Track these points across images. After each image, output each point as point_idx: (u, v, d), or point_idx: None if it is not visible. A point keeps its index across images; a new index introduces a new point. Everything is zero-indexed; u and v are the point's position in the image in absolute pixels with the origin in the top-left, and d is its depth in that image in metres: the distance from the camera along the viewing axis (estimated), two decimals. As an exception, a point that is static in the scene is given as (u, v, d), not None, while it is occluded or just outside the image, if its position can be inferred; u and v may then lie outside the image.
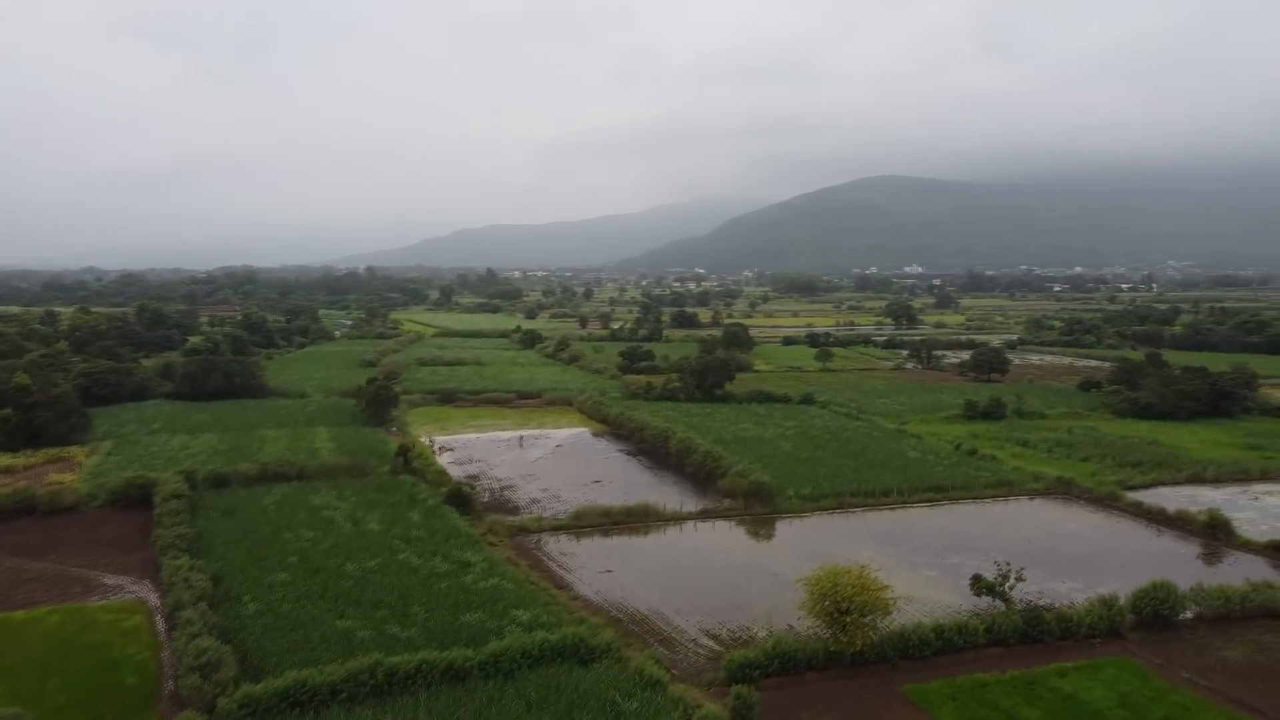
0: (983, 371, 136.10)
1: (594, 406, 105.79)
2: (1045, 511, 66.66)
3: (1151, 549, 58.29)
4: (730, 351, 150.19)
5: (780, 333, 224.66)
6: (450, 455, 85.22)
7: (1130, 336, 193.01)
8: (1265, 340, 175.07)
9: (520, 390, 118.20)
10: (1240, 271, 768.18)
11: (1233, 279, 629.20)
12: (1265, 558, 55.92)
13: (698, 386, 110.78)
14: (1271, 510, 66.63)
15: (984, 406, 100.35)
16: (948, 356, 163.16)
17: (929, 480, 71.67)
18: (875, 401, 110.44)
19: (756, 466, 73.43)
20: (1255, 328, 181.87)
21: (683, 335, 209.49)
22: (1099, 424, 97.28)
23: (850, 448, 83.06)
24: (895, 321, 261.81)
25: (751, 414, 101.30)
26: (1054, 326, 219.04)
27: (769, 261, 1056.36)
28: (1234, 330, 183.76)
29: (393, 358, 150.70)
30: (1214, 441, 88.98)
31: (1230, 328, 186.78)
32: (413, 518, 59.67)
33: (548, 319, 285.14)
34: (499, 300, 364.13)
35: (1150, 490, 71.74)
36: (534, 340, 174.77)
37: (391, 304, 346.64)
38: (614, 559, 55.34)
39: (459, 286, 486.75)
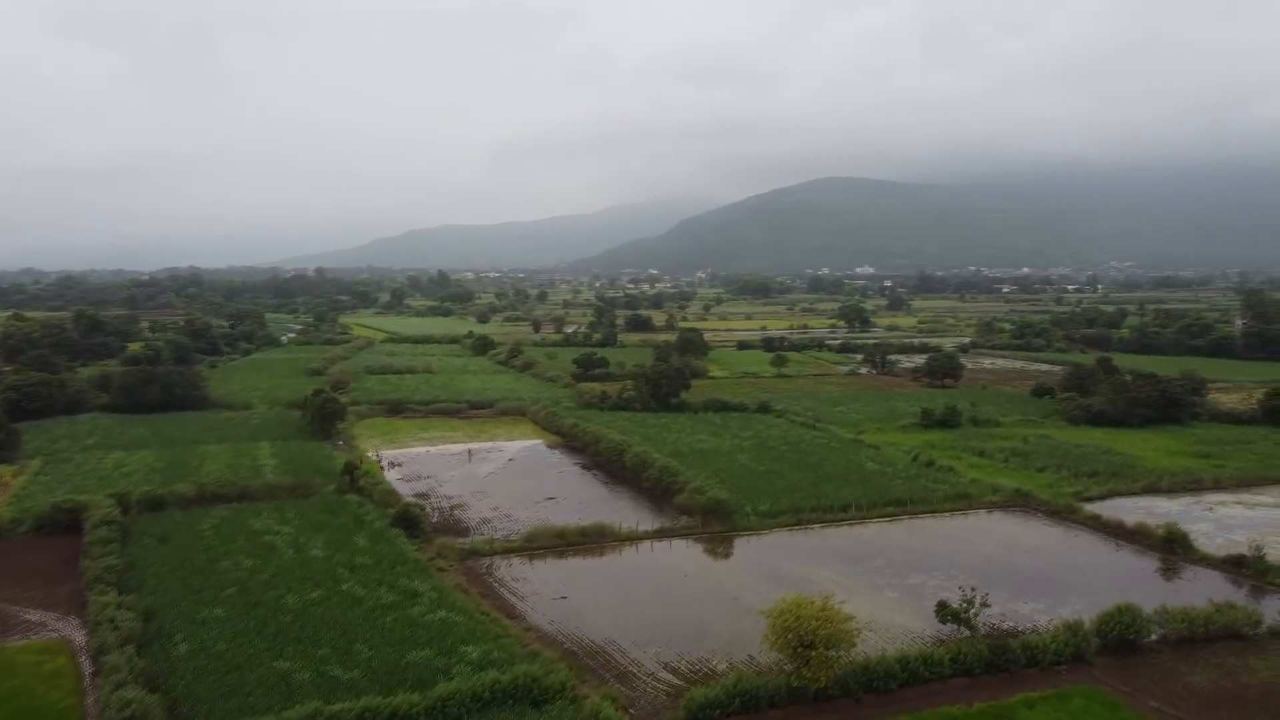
0: (937, 377, 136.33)
1: (547, 417, 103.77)
2: (1004, 525, 66.11)
3: (1111, 564, 57.87)
4: (685, 358, 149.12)
5: (735, 336, 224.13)
6: (399, 471, 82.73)
7: (1079, 340, 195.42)
8: (1208, 343, 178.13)
9: (472, 400, 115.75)
10: (1179, 273, 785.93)
11: (1173, 280, 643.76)
12: (1223, 573, 55.70)
13: (653, 395, 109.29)
14: (1225, 521, 66.72)
15: (940, 415, 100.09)
16: (902, 361, 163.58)
17: (888, 493, 70.83)
18: (832, 410, 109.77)
19: (714, 482, 72.07)
20: (1199, 331, 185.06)
21: (638, 339, 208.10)
22: (1053, 432, 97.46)
23: (808, 459, 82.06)
24: (849, 324, 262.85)
25: (708, 424, 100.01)
26: (1004, 329, 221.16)
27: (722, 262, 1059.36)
28: (1179, 334, 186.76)
29: (341, 366, 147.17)
30: (1166, 449, 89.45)
31: (1175, 331, 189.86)
32: (358, 542, 57.33)
33: (500, 323, 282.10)
34: (451, 303, 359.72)
35: (1107, 501, 71.57)
36: (486, 346, 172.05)
37: (341, 307, 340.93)
38: (569, 584, 53.53)
39: (410, 289, 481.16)
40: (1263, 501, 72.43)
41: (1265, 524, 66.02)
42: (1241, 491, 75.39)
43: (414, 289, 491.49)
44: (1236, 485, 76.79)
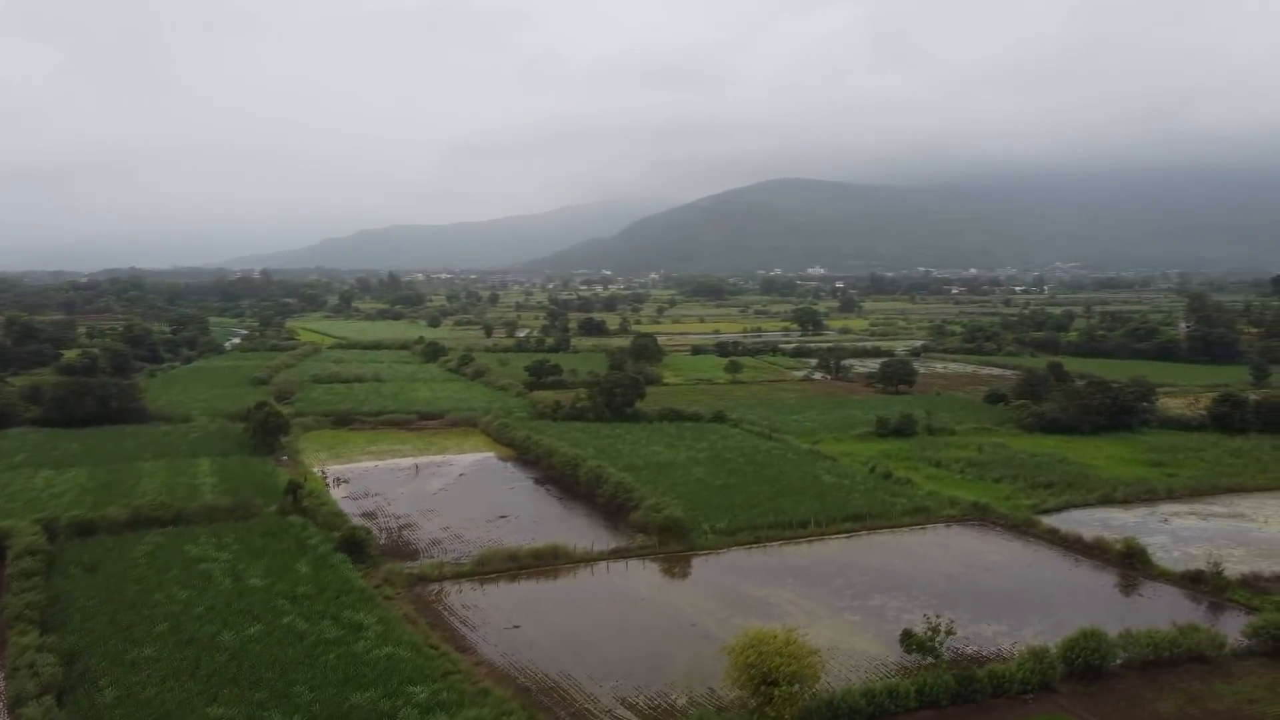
0: (891, 383, 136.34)
1: (499, 429, 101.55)
2: (963, 541, 65.43)
3: (1072, 581, 57.34)
4: (639, 365, 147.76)
5: (688, 340, 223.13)
6: (345, 488, 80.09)
7: (1029, 343, 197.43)
8: (1154, 346, 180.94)
9: (422, 411, 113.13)
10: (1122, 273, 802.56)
11: (1116, 281, 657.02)
12: (1182, 589, 55.43)
13: (607, 405, 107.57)
14: (1181, 534, 66.71)
15: (895, 423, 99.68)
16: (855, 366, 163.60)
17: (846, 508, 69.86)
18: (787, 419, 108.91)
19: (670, 498, 70.59)
20: (1145, 334, 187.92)
21: (591, 344, 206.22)
22: (1008, 440, 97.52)
23: (765, 472, 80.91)
24: (802, 327, 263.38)
25: (663, 434, 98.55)
26: (955, 332, 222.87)
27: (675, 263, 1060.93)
28: (1126, 337, 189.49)
29: (286, 374, 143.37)
30: (1119, 458, 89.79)
31: (1122, 335, 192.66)
32: (301, 569, 54.88)
33: (452, 327, 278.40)
34: (401, 306, 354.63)
35: (1064, 514, 71.35)
36: (437, 353, 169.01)
37: (288, 311, 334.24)
38: (522, 611, 51.63)
39: (360, 291, 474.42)
40: (1215, 512, 72.66)
41: (1220, 536, 66.13)
42: (1195, 501, 75.65)
43: (364, 291, 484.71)
44: (1189, 495, 77.06)
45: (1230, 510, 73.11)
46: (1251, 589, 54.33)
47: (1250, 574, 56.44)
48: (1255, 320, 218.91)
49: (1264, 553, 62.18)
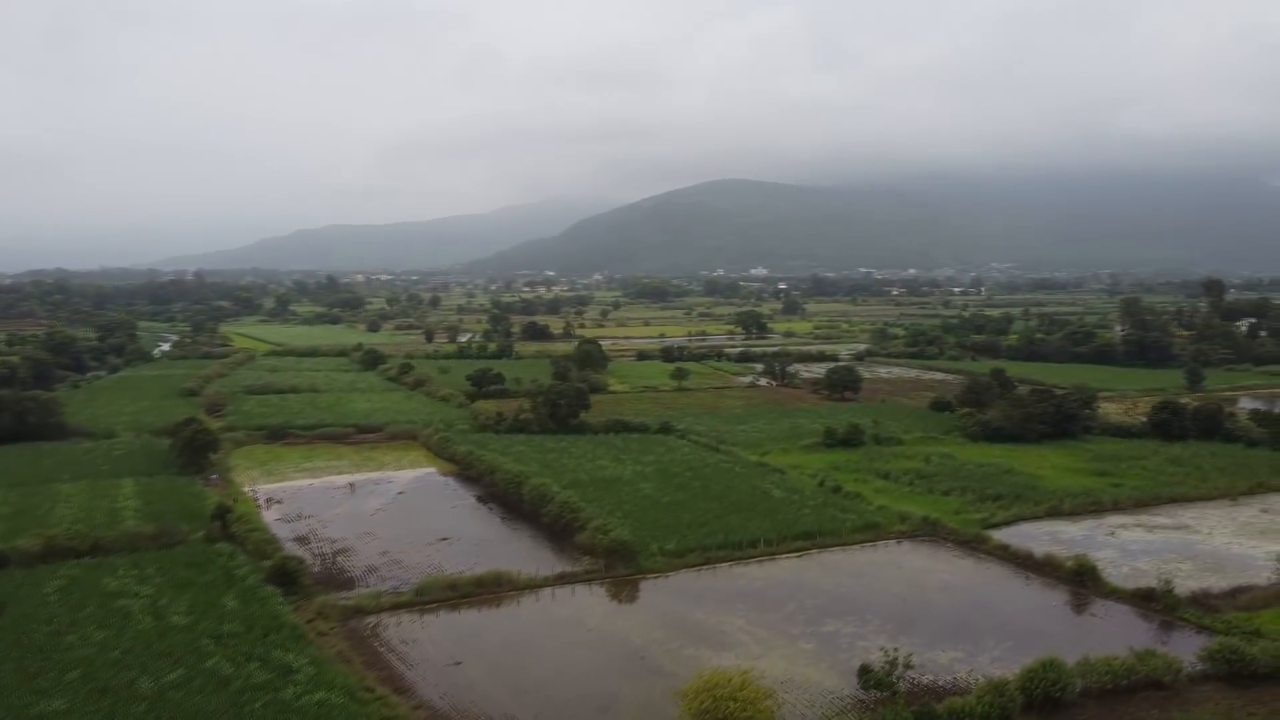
0: (837, 390, 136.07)
1: (440, 443, 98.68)
2: (915, 559, 64.53)
3: (1024, 601, 56.70)
4: (584, 373, 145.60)
5: (633, 344, 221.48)
6: (278, 510, 76.79)
7: (970, 347, 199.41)
8: (1091, 350, 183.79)
9: (360, 423, 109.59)
10: (1055, 274, 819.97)
11: (1050, 282, 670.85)
12: (1133, 607, 55.04)
13: (551, 417, 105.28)
14: (1129, 547, 66.63)
15: (843, 434, 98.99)
16: (801, 372, 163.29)
17: (796, 525, 68.61)
18: (734, 429, 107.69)
19: (617, 517, 68.70)
20: (1082, 338, 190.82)
21: (535, 349, 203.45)
22: (954, 449, 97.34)
23: (713, 488, 79.40)
24: (746, 330, 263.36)
25: (609, 447, 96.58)
26: (898, 335, 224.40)
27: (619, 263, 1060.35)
28: (1064, 341, 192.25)
29: (218, 385, 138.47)
30: (1064, 467, 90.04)
31: (1060, 339, 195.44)
32: (227, 604, 51.84)
33: (392, 331, 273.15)
34: (340, 310, 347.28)
35: (1013, 527, 71.01)
36: (376, 361, 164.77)
37: (221, 315, 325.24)
38: (463, 645, 49.30)
39: (297, 294, 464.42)
40: (1161, 524, 72.89)
41: (1166, 549, 66.20)
42: (1140, 512, 75.87)
43: (301, 294, 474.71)
44: (1134, 505, 77.28)
45: (1175, 521, 73.40)
46: (1201, 607, 54.10)
47: (1199, 591, 56.25)
48: (1186, 324, 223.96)
49: (1211, 567, 62.25)
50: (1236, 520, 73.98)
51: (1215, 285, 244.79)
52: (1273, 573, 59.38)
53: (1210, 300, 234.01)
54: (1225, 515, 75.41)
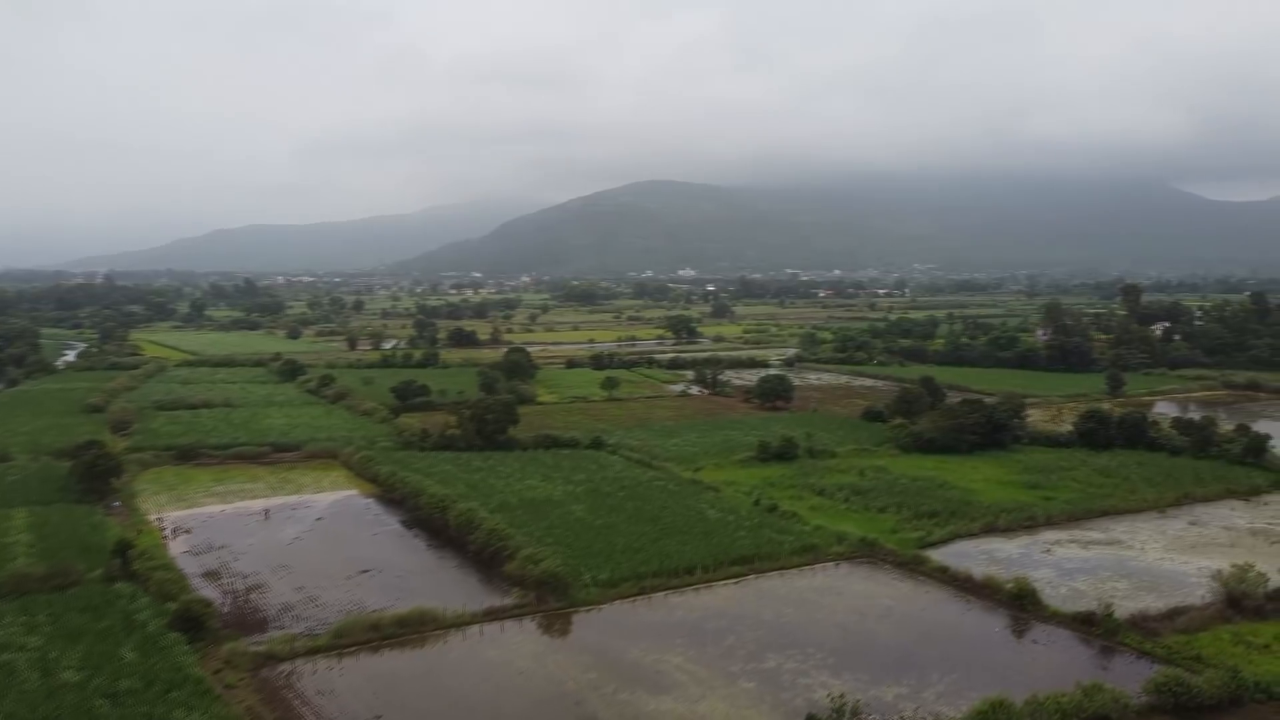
0: (769, 399, 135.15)
1: (362, 463, 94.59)
2: (854, 583, 63.12)
3: (966, 628, 55.60)
4: (512, 383, 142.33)
5: (563, 351, 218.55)
6: (186, 540, 72.26)
7: (898, 352, 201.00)
8: (1015, 355, 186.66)
9: (277, 441, 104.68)
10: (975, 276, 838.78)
11: (971, 284, 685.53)
12: (1074, 631, 54.30)
13: (478, 433, 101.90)
14: (1065, 565, 66.26)
15: (777, 447, 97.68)
16: (732, 379, 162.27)
17: (733, 549, 66.73)
18: (667, 443, 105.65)
19: (548, 543, 66.07)
20: (1007, 343, 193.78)
21: (461, 357, 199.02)
22: (888, 462, 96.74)
23: (647, 509, 77.15)
24: (676, 335, 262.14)
25: (539, 465, 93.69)
26: (826, 340, 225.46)
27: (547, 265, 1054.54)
28: (989, 346, 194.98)
29: (125, 400, 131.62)
30: (997, 480, 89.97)
31: (985, 344, 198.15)
32: (126, 656, 47.83)
33: (313, 338, 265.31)
34: (258, 315, 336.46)
35: (951, 546, 70.26)
36: (295, 372, 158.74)
37: (132, 321, 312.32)
38: (384, 696, 46.14)
39: (213, 298, 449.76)
40: (1094, 539, 72.87)
41: (1101, 567, 66.00)
42: (1073, 527, 75.86)
43: (217, 298, 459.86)
44: (1068, 520, 77.29)
45: (1108, 536, 73.45)
46: (1141, 630, 53.60)
47: (1138, 613, 55.78)
48: (1105, 327, 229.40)
49: (1146, 585, 62.09)
50: (1167, 534, 74.38)
51: (1132, 290, 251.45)
52: (1207, 591, 59.38)
53: (1127, 305, 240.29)
54: (1155, 529, 75.79)
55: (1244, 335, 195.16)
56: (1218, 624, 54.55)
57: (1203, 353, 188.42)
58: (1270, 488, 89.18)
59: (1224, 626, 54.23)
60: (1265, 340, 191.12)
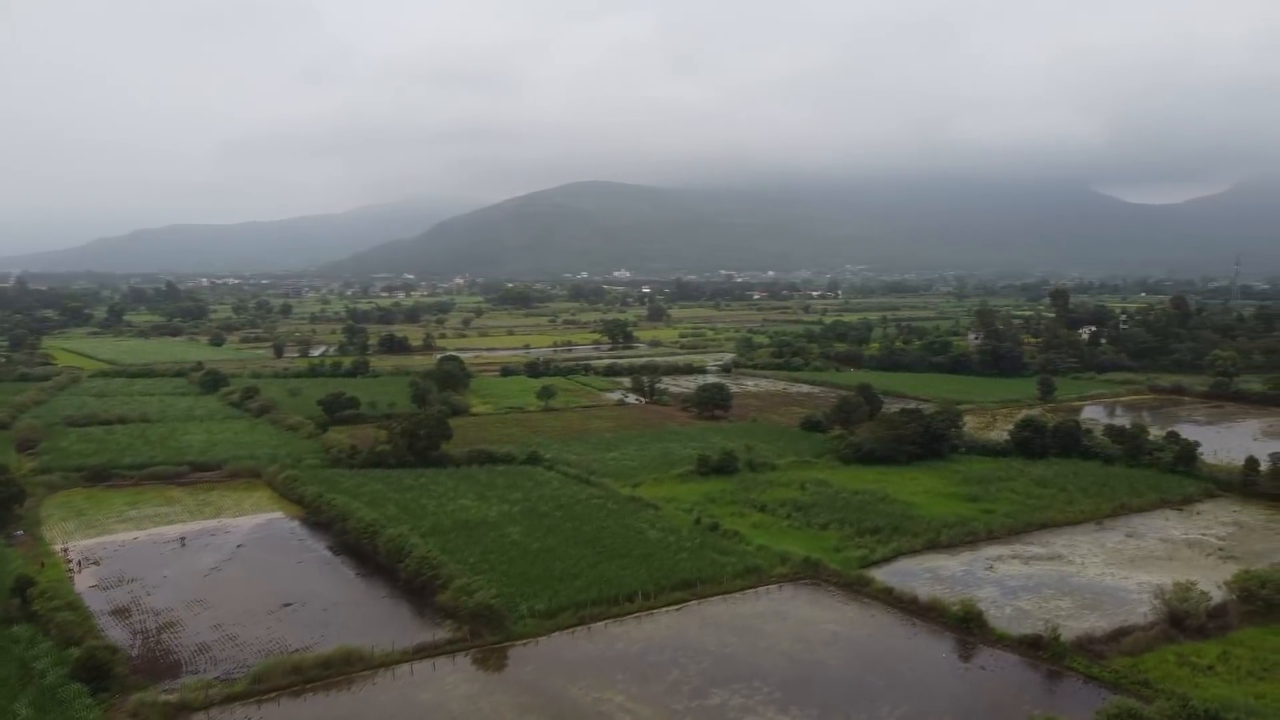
0: (707, 408, 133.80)
1: (287, 483, 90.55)
2: (799, 607, 61.57)
3: (913, 654, 54.34)
4: (445, 394, 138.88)
5: (497, 357, 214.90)
6: (95, 573, 67.92)
7: (834, 357, 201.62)
8: (949, 360, 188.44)
9: (196, 460, 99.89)
10: (906, 277, 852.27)
11: (902, 285, 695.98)
12: (1021, 655, 53.46)
13: (410, 448, 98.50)
14: (1008, 583, 65.69)
15: (716, 461, 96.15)
16: (670, 387, 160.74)
17: (674, 573, 64.80)
18: (605, 457, 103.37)
19: (483, 570, 63.52)
20: (940, 348, 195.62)
21: (393, 365, 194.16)
22: (828, 475, 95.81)
23: (585, 529, 74.85)
24: (613, 340, 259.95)
25: (473, 483, 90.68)
26: (763, 345, 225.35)
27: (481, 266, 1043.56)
28: (923, 351, 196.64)
29: (33, 415, 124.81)
30: (937, 492, 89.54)
31: (919, 349, 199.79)
32: (20, 713, 44.11)
33: (238, 345, 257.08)
34: (180, 320, 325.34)
35: (894, 564, 69.35)
36: (218, 383, 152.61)
37: (45, 327, 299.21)
38: (307, 749, 43.16)
39: (133, 302, 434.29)
40: (1036, 554, 72.59)
41: (1044, 584, 65.55)
42: (1014, 541, 75.60)
43: (138, 302, 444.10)
44: (1008, 534, 77.05)
45: (1049, 551, 73.23)
46: (1088, 653, 52.95)
47: (1084, 635, 55.15)
48: (1034, 331, 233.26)
49: (1089, 603, 61.74)
50: (1105, 547, 74.47)
51: (1060, 295, 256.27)
52: (1149, 609, 59.14)
53: (1056, 309, 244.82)
54: (1094, 541, 75.87)
55: (1167, 339, 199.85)
56: (1162, 644, 54.23)
57: (1129, 356, 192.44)
58: (1201, 496, 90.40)
59: (1168, 647, 53.97)
60: (1187, 344, 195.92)
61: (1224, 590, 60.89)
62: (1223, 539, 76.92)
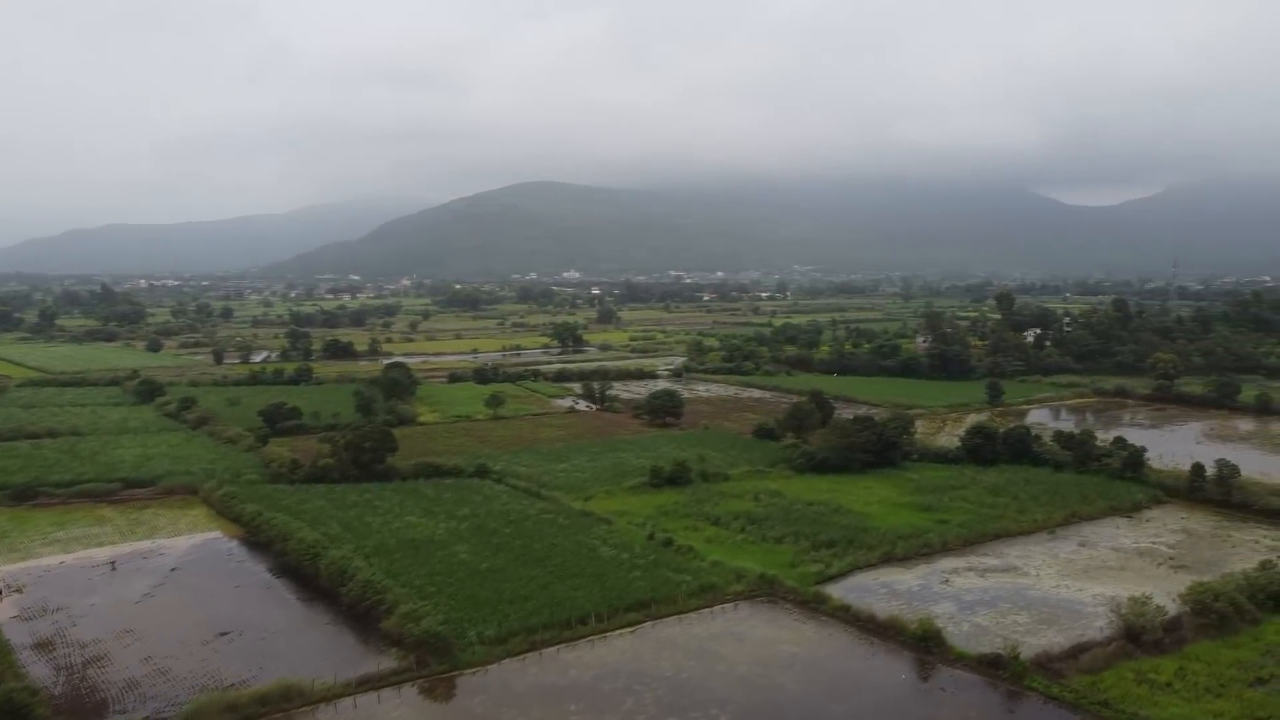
0: (659, 415, 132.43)
1: (225, 500, 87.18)
2: (755, 627, 60.27)
3: (873, 676, 53.34)
4: (391, 403, 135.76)
5: (445, 363, 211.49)
6: (17, 602, 64.39)
7: (785, 361, 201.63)
8: (898, 364, 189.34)
9: (129, 477, 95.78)
10: (852, 277, 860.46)
11: (849, 286, 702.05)
12: (981, 675, 52.75)
13: (354, 462, 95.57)
14: (965, 598, 65.12)
15: (669, 472, 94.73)
16: (621, 393, 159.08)
17: (628, 593, 63.18)
18: (555, 468, 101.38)
19: (430, 594, 61.38)
20: (889, 352, 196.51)
21: (337, 371, 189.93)
22: (782, 484, 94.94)
23: (535, 547, 72.92)
24: (562, 344, 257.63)
25: (420, 498, 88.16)
26: (713, 349, 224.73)
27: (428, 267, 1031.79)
28: (872, 354, 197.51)
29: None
30: (890, 502, 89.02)
31: (869, 352, 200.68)
32: (-72, 765, 40.99)
33: (176, 351, 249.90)
34: (116, 324, 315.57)
35: (850, 579, 68.55)
36: (153, 392, 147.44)
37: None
38: (242, 796, 40.72)
39: (66, 305, 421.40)
40: (991, 565, 72.25)
41: (1000, 598, 65.11)
42: (969, 553, 75.24)
43: (71, 305, 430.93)
44: (963, 545, 76.72)
45: (1003, 562, 72.94)
46: (1047, 672, 52.38)
47: (1042, 653, 54.60)
48: (981, 334, 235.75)
49: (1046, 618, 61.36)
50: (1059, 557, 74.37)
51: (1006, 298, 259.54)
52: (1105, 623, 58.97)
53: (1002, 311, 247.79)
54: (1048, 552, 75.79)
55: (1110, 341, 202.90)
56: (1120, 660, 53.88)
57: (1073, 358, 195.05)
58: (1149, 502, 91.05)
59: (1126, 663, 53.62)
60: (1129, 346, 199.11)
61: (1178, 603, 60.92)
62: (1172, 547, 77.35)
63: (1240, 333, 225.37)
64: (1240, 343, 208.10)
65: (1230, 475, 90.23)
